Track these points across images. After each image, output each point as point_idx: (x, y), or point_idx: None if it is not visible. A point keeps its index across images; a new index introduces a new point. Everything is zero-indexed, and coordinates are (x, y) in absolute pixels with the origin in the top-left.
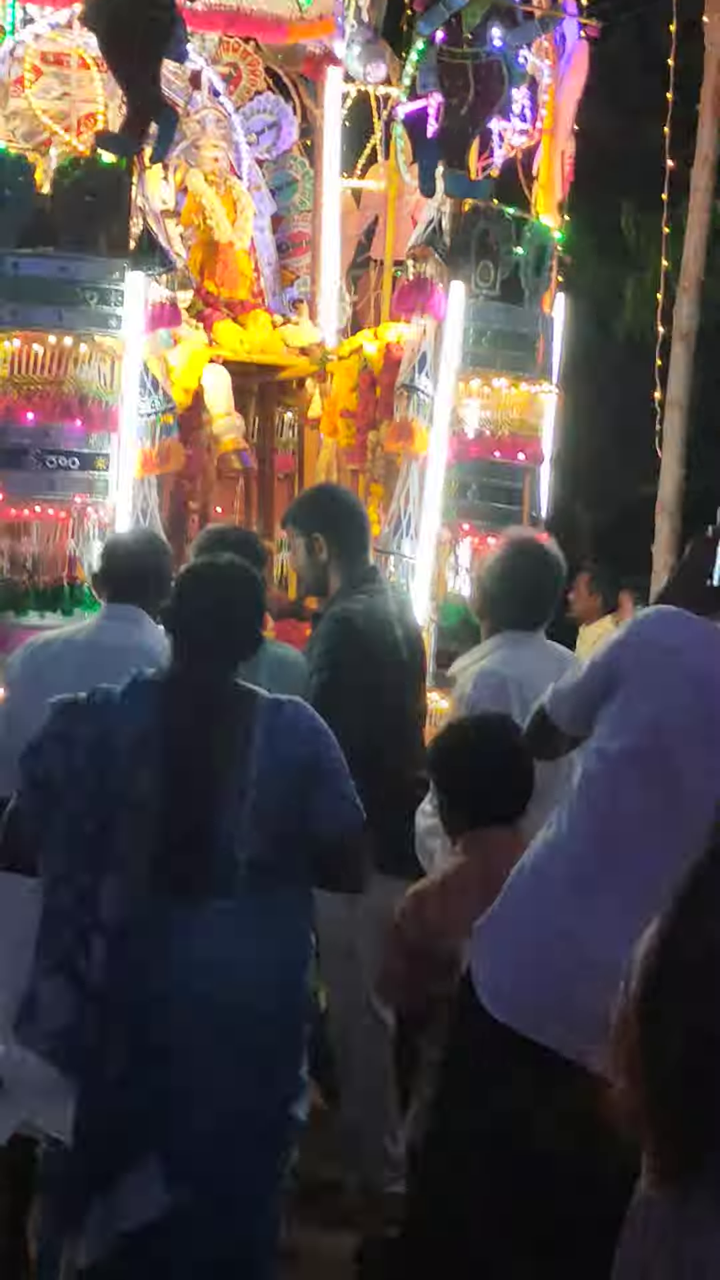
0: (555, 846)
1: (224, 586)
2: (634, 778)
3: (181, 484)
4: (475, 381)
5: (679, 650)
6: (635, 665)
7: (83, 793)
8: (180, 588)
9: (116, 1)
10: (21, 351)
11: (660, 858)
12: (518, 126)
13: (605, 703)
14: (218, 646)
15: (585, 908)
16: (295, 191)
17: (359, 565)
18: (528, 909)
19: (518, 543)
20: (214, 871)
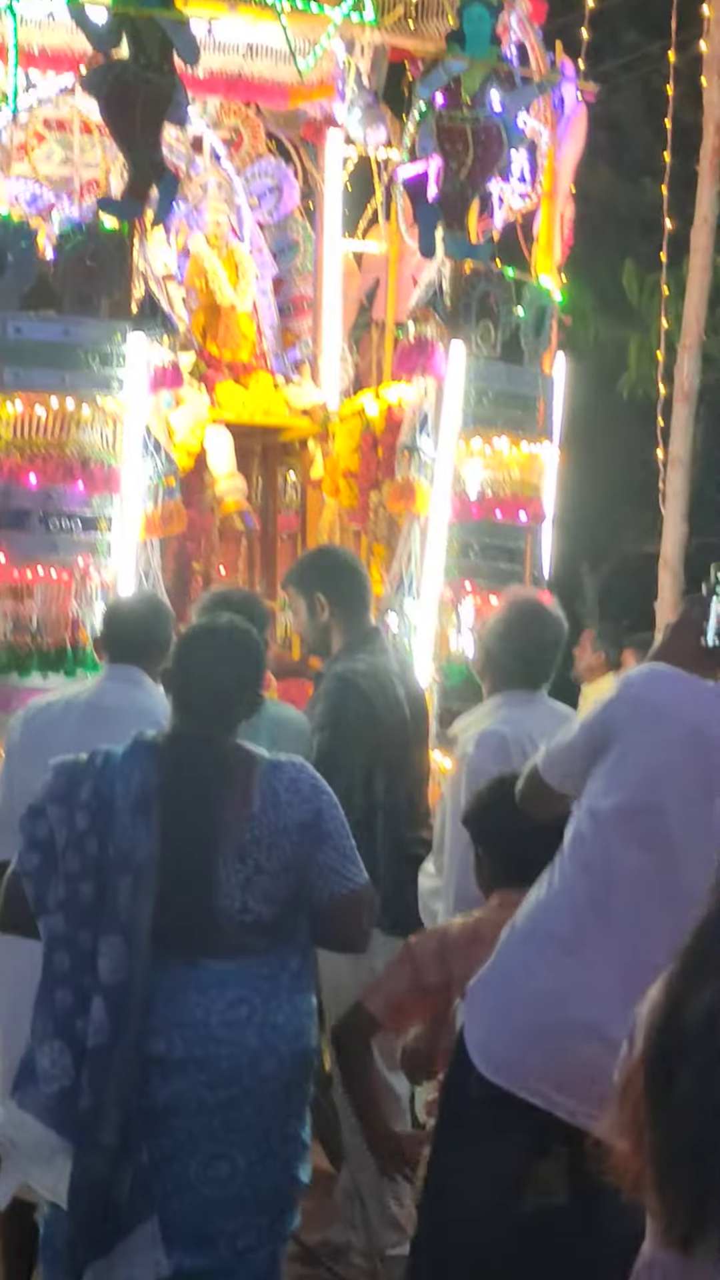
0: (547, 907)
1: (223, 648)
2: (626, 837)
3: (185, 545)
4: (476, 441)
5: (671, 708)
6: (627, 723)
7: (83, 854)
8: (180, 649)
9: (118, 68)
10: (24, 414)
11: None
12: (517, 189)
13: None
14: (217, 707)
15: (577, 968)
16: (297, 254)
17: (361, 625)
18: (519, 969)
19: (518, 603)
20: (214, 933)
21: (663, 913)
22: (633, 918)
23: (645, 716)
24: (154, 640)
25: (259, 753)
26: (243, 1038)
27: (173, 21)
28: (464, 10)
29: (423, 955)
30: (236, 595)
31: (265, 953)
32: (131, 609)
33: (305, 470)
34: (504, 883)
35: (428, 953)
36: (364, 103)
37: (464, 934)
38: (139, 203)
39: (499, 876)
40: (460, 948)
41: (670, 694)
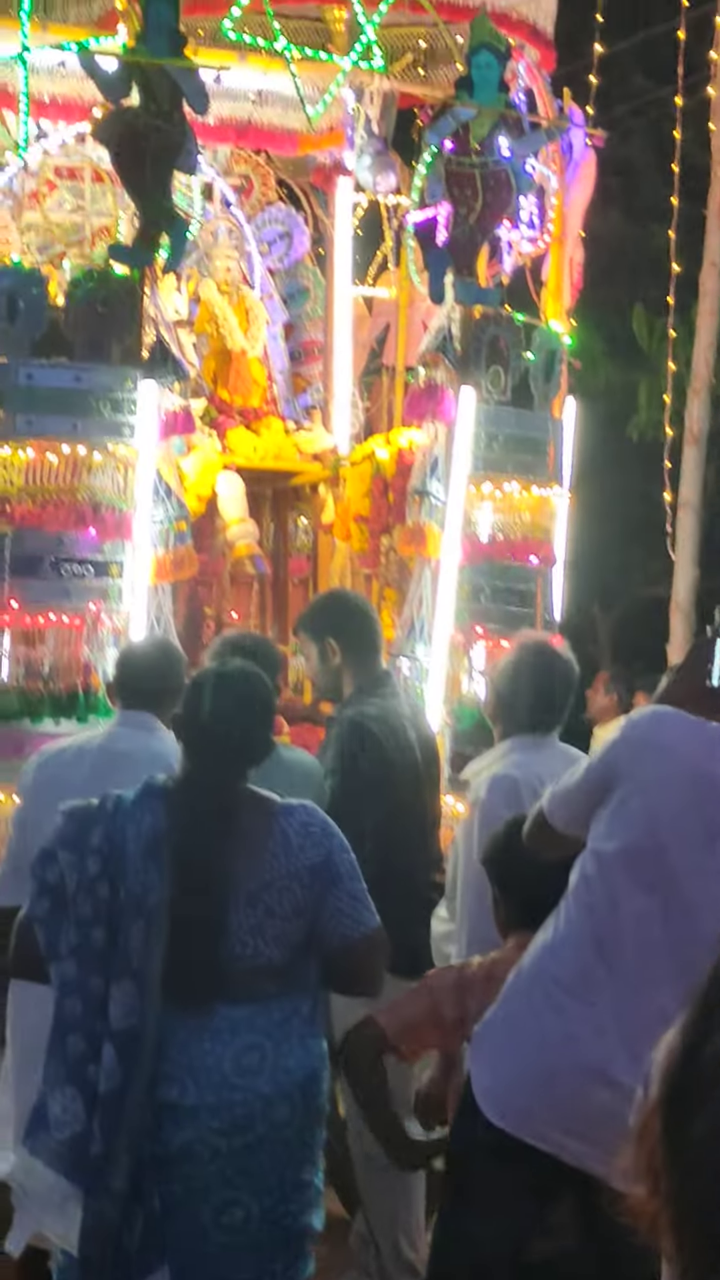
0: (553, 950)
1: (232, 692)
2: (631, 880)
3: (196, 590)
4: (487, 485)
5: (674, 749)
6: (630, 765)
7: (94, 899)
8: (189, 695)
9: (129, 116)
10: (36, 461)
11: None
12: (526, 234)
13: (601, 803)
14: (227, 752)
15: (583, 1012)
16: (307, 300)
17: (372, 669)
18: (525, 1013)
19: (529, 646)
20: (225, 978)
21: (668, 955)
22: (638, 961)
23: (648, 758)
24: (166, 686)
25: (270, 797)
26: (255, 1084)
27: (183, 70)
28: (472, 57)
29: (441, 989)
30: (248, 640)
31: (276, 997)
32: (144, 655)
33: (316, 515)
34: (521, 925)
35: (446, 986)
36: (373, 149)
37: (481, 972)
38: (150, 250)
39: (516, 919)
40: (477, 986)
41: (673, 736)
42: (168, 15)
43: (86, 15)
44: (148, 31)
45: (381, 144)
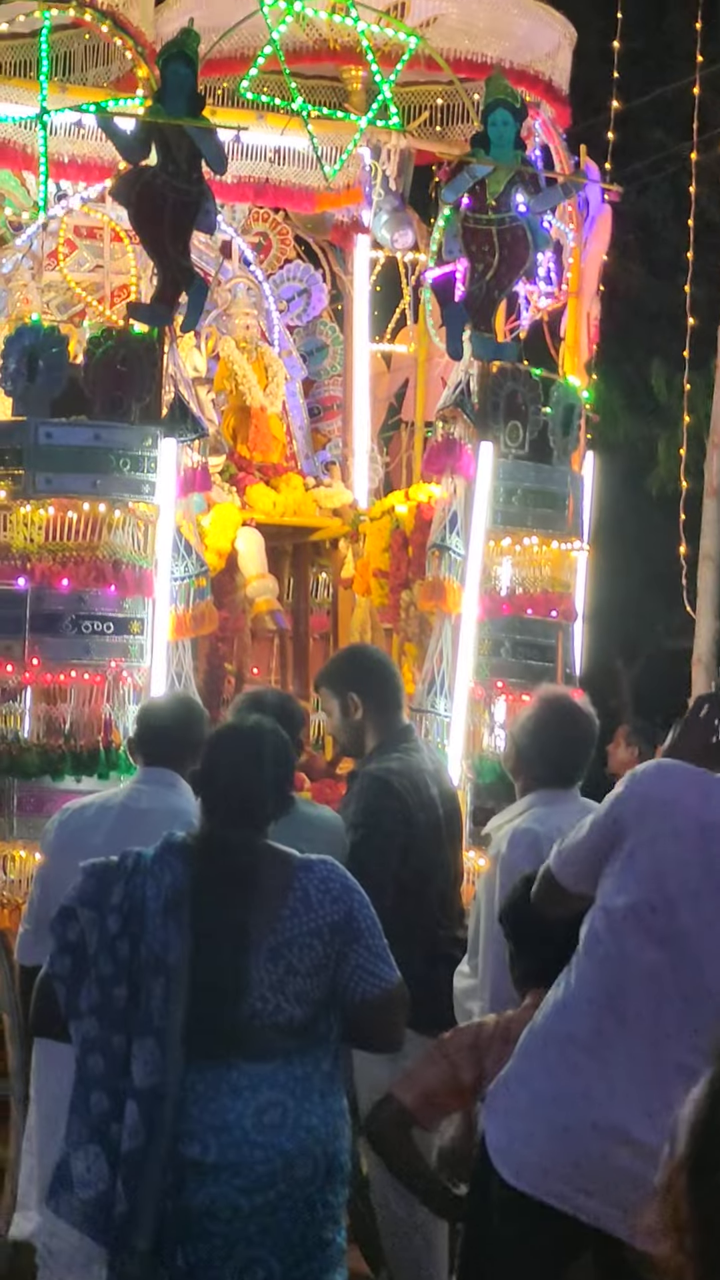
0: (564, 1007)
1: (249, 749)
2: (640, 935)
3: (217, 646)
4: (506, 540)
5: (679, 802)
6: (636, 820)
7: (115, 957)
8: (207, 752)
9: (147, 175)
10: (56, 518)
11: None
12: (543, 289)
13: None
14: (246, 809)
15: (597, 1069)
16: (326, 356)
17: (394, 724)
18: (539, 1071)
19: (549, 700)
20: (247, 1035)
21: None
22: (651, 1016)
23: (654, 813)
24: (187, 742)
25: (290, 853)
26: (277, 1141)
27: (201, 130)
28: (488, 114)
29: (457, 1051)
30: (271, 696)
31: (298, 1054)
32: (164, 711)
33: (336, 570)
34: (538, 982)
35: (462, 1048)
36: (390, 207)
37: (497, 1032)
38: (169, 309)
39: (532, 976)
40: (494, 1046)
41: (678, 789)
42: (186, 76)
43: (105, 76)
44: (166, 92)
45: (399, 201)
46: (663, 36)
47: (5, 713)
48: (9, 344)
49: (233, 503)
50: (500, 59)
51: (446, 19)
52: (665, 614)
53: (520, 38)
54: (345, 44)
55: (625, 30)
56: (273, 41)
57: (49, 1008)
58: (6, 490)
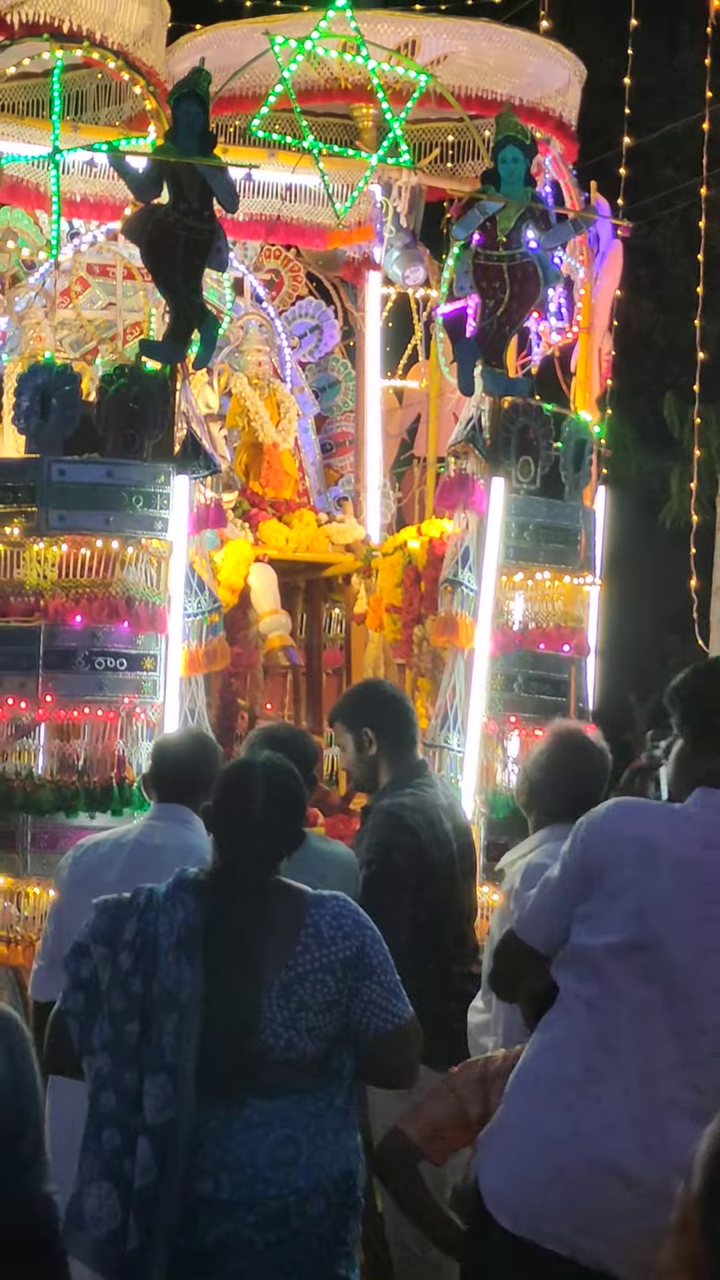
0: (554, 1047)
1: (261, 784)
2: (628, 973)
3: (229, 682)
4: (519, 575)
5: (650, 839)
6: (610, 860)
7: (127, 994)
8: (219, 788)
9: (159, 213)
10: (69, 555)
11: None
12: (555, 325)
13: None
14: (258, 844)
15: (591, 1107)
16: (338, 392)
17: (408, 759)
18: (532, 1113)
19: (562, 735)
20: (259, 1071)
21: (675, 1046)
22: (642, 1052)
23: (626, 851)
24: (201, 778)
25: (301, 889)
26: (290, 1178)
27: (212, 169)
28: (498, 151)
29: (464, 1085)
30: (283, 732)
31: (311, 1090)
32: (178, 747)
33: (349, 605)
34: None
35: (469, 1082)
36: (402, 243)
37: (505, 1066)
38: (181, 346)
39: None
40: (500, 1081)
41: (645, 824)
42: (197, 115)
43: (117, 115)
44: (177, 131)
45: (410, 237)
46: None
47: (19, 749)
48: (22, 382)
49: (245, 539)
50: (510, 96)
51: (457, 57)
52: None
53: (530, 75)
54: (356, 82)
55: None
56: (284, 80)
57: (62, 1044)
58: (20, 527)
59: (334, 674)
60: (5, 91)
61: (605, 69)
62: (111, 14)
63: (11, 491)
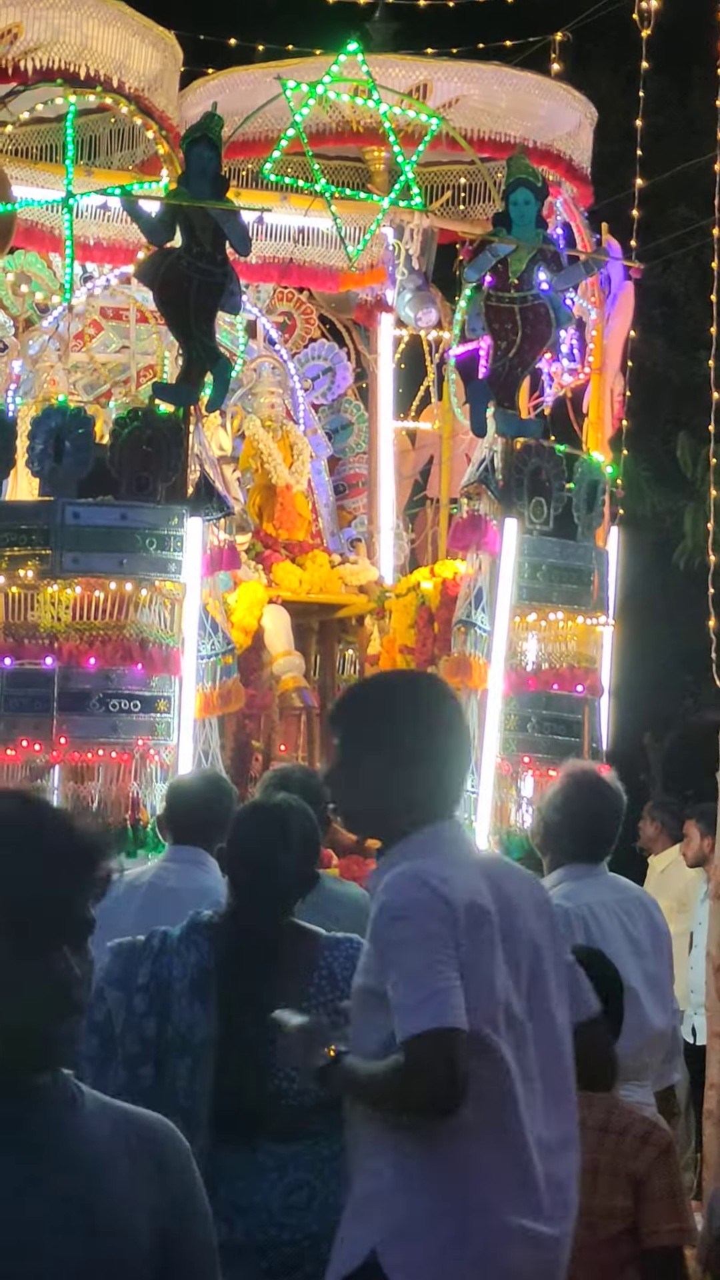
0: (458, 1130)
1: (276, 826)
2: (484, 1038)
3: (244, 723)
4: (532, 615)
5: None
6: (466, 934)
7: (142, 1037)
8: (234, 829)
9: (171, 257)
10: (83, 597)
11: (536, 1099)
12: (567, 366)
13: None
14: (272, 887)
15: (480, 1169)
16: (351, 434)
17: None
18: (421, 1182)
19: (576, 776)
20: (272, 1115)
21: (545, 1094)
22: (518, 1105)
23: (471, 921)
24: (215, 819)
25: (316, 931)
26: (304, 1222)
27: (225, 212)
28: (510, 194)
29: None
30: (297, 774)
31: (325, 1134)
32: (192, 788)
33: (363, 646)
34: None
35: None
36: (414, 286)
37: None
38: (194, 389)
39: None
40: None
41: (451, 889)
42: (210, 159)
43: (130, 160)
44: (190, 175)
45: (422, 280)
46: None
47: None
48: (36, 425)
49: (259, 580)
50: (522, 138)
51: (468, 100)
52: (694, 688)
53: (542, 117)
54: (368, 125)
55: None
56: (296, 124)
57: None
58: (34, 570)
59: None
60: (19, 136)
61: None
62: (125, 59)
63: (25, 534)
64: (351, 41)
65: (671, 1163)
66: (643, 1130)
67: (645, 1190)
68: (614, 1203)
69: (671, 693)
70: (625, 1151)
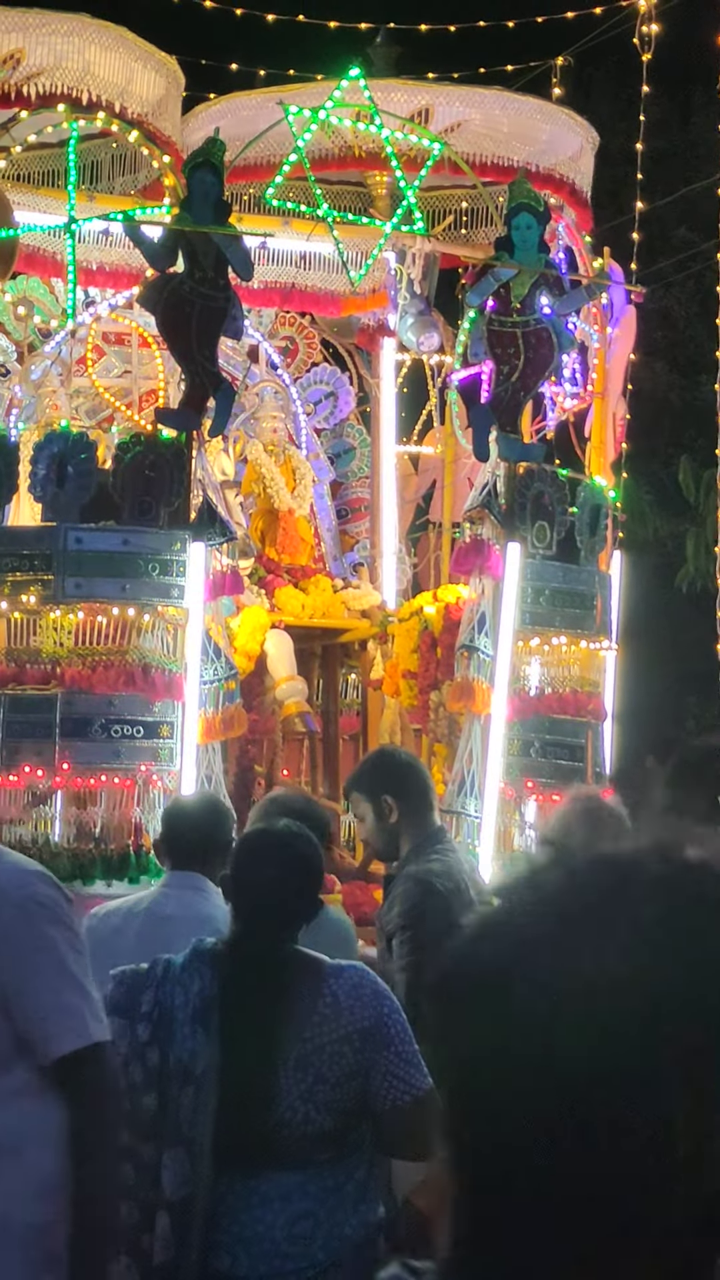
0: None
1: (278, 854)
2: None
3: (247, 748)
4: (535, 640)
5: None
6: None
7: (144, 1066)
8: (235, 857)
9: (174, 282)
10: (86, 623)
11: None
12: (569, 390)
13: None
14: (275, 914)
15: None
16: (353, 458)
17: (428, 825)
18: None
19: (579, 802)
20: (276, 1145)
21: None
22: None
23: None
24: (214, 844)
25: (319, 958)
26: (309, 1252)
27: (227, 237)
28: (512, 218)
29: None
30: (297, 801)
31: (330, 1164)
32: (191, 812)
33: (365, 671)
34: None
35: None
36: (416, 310)
37: None
38: (196, 414)
39: None
40: None
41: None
42: (212, 184)
43: (132, 185)
44: (192, 200)
45: (424, 304)
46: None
47: (36, 817)
48: (38, 450)
49: (261, 605)
50: (524, 163)
51: (470, 124)
52: (697, 710)
53: (544, 142)
54: (369, 150)
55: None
56: (298, 149)
57: None
58: (36, 595)
59: (351, 740)
60: (22, 161)
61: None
62: (127, 84)
63: (28, 559)
64: (353, 66)
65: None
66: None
67: None
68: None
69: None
70: None
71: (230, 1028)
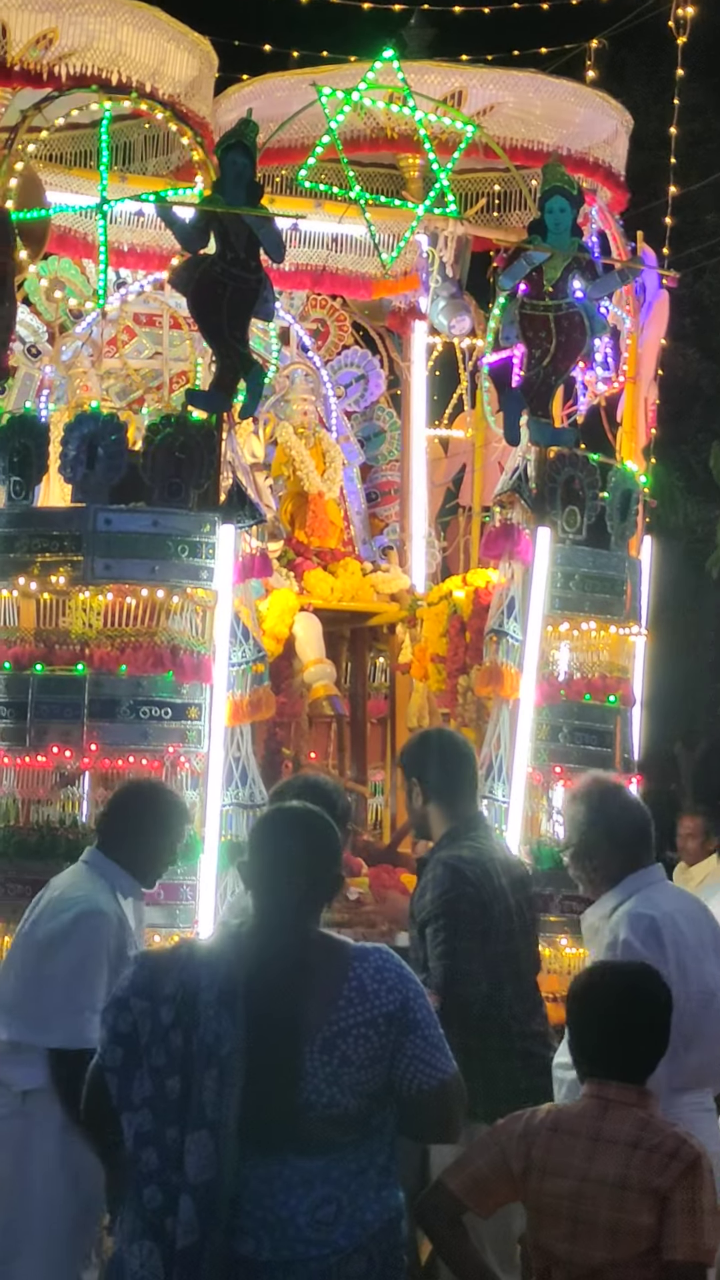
0: None
1: (293, 834)
2: None
3: (275, 731)
4: (564, 625)
5: None
6: None
7: (168, 1049)
8: (254, 838)
9: (205, 263)
10: (115, 604)
11: None
12: (601, 375)
13: None
14: (295, 895)
15: None
16: (384, 441)
17: (463, 811)
18: None
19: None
20: (300, 1128)
21: None
22: None
23: None
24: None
25: (345, 941)
26: (331, 1237)
27: (259, 219)
28: (545, 201)
29: (508, 1139)
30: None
31: (353, 1147)
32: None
33: (394, 655)
34: (595, 1072)
35: (512, 1136)
36: (447, 293)
37: (547, 1120)
38: (227, 396)
39: (591, 1065)
40: (541, 1135)
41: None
42: (244, 165)
43: (164, 166)
44: (225, 181)
45: (456, 287)
46: None
47: (64, 798)
48: (69, 431)
49: (290, 588)
50: (557, 146)
51: (503, 107)
52: None
53: (578, 125)
54: (402, 132)
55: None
56: (331, 131)
57: (100, 1099)
58: (66, 576)
59: (378, 723)
60: (54, 142)
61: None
62: (159, 65)
63: (57, 540)
64: (387, 48)
65: (697, 1178)
66: (673, 1146)
67: (668, 1205)
68: (640, 1220)
69: (702, 702)
70: (653, 1167)
71: (255, 1011)
